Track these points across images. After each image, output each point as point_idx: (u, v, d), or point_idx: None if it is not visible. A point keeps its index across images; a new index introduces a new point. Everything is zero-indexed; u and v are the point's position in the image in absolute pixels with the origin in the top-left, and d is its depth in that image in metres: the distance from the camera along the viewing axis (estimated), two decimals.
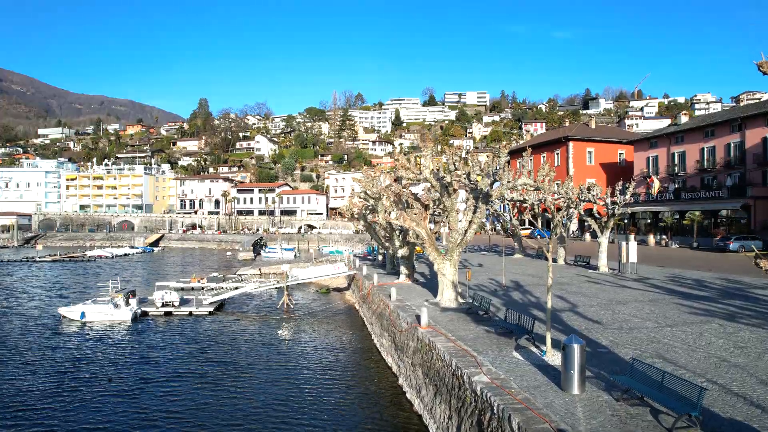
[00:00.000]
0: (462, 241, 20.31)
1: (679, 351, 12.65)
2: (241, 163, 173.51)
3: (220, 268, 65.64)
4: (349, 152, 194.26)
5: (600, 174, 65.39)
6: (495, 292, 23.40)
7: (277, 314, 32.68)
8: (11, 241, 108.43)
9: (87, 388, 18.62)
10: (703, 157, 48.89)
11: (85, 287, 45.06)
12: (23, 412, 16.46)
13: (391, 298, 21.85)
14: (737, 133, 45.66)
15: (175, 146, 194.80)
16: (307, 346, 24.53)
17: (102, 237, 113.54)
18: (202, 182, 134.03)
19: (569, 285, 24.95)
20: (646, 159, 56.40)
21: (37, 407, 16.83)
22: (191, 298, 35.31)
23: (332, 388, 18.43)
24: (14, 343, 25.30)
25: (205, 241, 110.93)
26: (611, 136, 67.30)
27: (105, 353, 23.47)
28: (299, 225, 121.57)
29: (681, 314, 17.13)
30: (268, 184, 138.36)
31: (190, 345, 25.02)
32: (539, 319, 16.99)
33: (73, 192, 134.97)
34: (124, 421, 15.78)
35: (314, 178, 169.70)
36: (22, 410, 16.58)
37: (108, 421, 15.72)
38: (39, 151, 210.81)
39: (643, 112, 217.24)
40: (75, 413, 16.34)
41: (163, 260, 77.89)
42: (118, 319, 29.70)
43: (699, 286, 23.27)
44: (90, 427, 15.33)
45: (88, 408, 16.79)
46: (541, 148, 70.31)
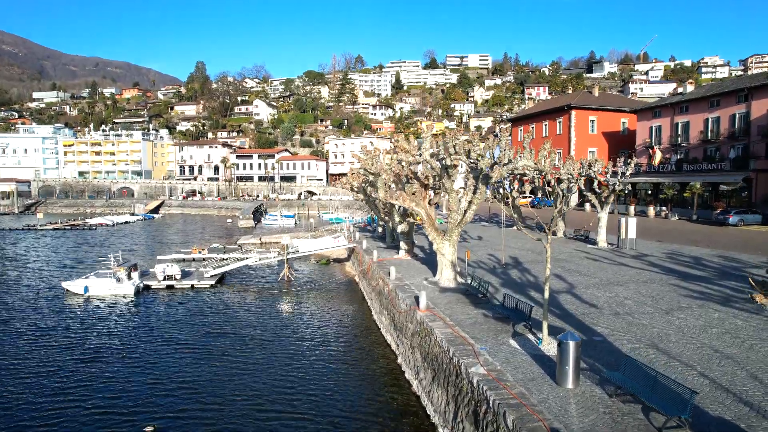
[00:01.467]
0: (461, 222, 20.32)
1: (673, 340, 12.86)
2: (240, 128, 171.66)
3: (220, 237, 66.01)
4: (348, 117, 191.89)
5: (602, 143, 64.82)
6: (494, 270, 23.62)
7: (278, 287, 33.09)
8: (11, 207, 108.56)
9: (97, 364, 19.05)
10: (707, 128, 48.27)
11: (87, 258, 45.43)
12: (35, 388, 16.90)
13: (390, 277, 22.07)
14: (743, 103, 44.92)
15: (172, 111, 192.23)
16: (307, 321, 24.94)
17: (102, 204, 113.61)
18: (201, 148, 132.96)
19: (567, 262, 25.14)
20: (649, 129, 55.72)
21: (48, 383, 17.27)
22: (192, 271, 35.65)
23: (333, 365, 18.86)
24: (21, 318, 25.72)
25: (205, 208, 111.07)
26: (614, 104, 66.25)
27: (110, 328, 23.89)
28: (299, 191, 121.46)
29: (677, 297, 17.34)
30: (268, 150, 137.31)
31: (192, 319, 25.44)
32: (536, 301, 17.24)
33: (71, 158, 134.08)
34: (133, 395, 16.23)
35: (314, 143, 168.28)
36: (35, 386, 17.01)
37: (118, 396, 16.17)
38: (35, 116, 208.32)
39: (648, 76, 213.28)
40: (87, 388, 16.78)
41: (163, 228, 78.21)
42: (121, 293, 30.10)
43: (696, 265, 23.45)
44: (102, 401, 15.78)
45: (98, 382, 17.23)
46: (543, 116, 69.39)
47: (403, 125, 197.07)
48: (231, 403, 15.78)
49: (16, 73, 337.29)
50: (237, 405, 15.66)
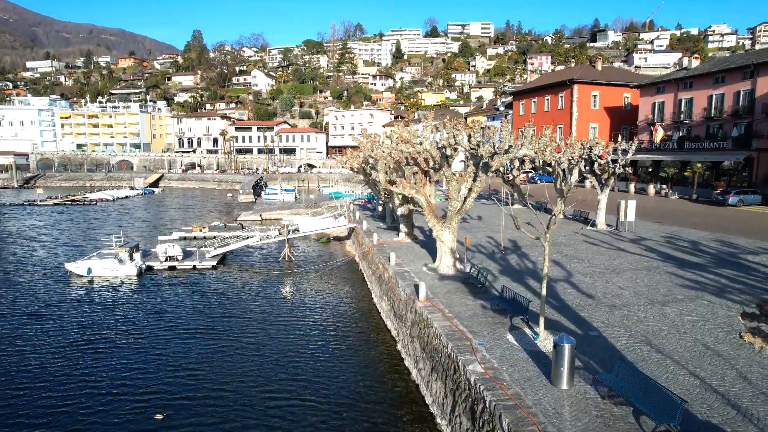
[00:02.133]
0: (461, 209, 20.40)
1: (666, 336, 13.15)
2: (239, 99, 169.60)
3: (221, 213, 66.22)
4: (348, 87, 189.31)
5: (604, 118, 64.23)
6: (493, 255, 23.85)
7: (279, 267, 33.46)
8: (11, 181, 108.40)
9: (104, 349, 19.47)
10: (710, 104, 47.72)
11: (90, 235, 45.71)
12: (43, 374, 17.34)
13: (390, 263, 22.30)
14: (748, 80, 44.28)
15: (170, 81, 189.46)
16: (308, 303, 25.34)
17: (101, 177, 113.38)
18: (200, 120, 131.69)
19: (566, 246, 25.36)
20: (652, 105, 55.08)
21: (55, 369, 17.70)
22: (194, 250, 35.92)
23: (334, 350, 19.30)
24: (26, 301, 26.11)
25: (205, 181, 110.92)
26: (617, 78, 65.26)
27: (114, 312, 24.28)
28: (299, 164, 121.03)
29: (672, 288, 17.59)
30: (267, 122, 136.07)
31: (194, 302, 25.85)
32: (534, 290, 17.51)
33: (68, 131, 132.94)
34: (141, 381, 16.68)
35: (313, 114, 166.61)
36: (42, 373, 17.45)
37: (125, 382, 16.62)
38: (29, 86, 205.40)
39: (654, 45, 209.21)
40: (94, 373, 17.22)
41: (164, 203, 78.31)
42: (124, 275, 30.44)
43: (694, 250, 23.66)
44: (109, 386, 16.23)
45: (106, 367, 17.66)
46: (545, 90, 68.50)
47: (404, 96, 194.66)
48: (236, 389, 16.25)
49: (8, 40, 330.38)
50: (242, 390, 16.14)
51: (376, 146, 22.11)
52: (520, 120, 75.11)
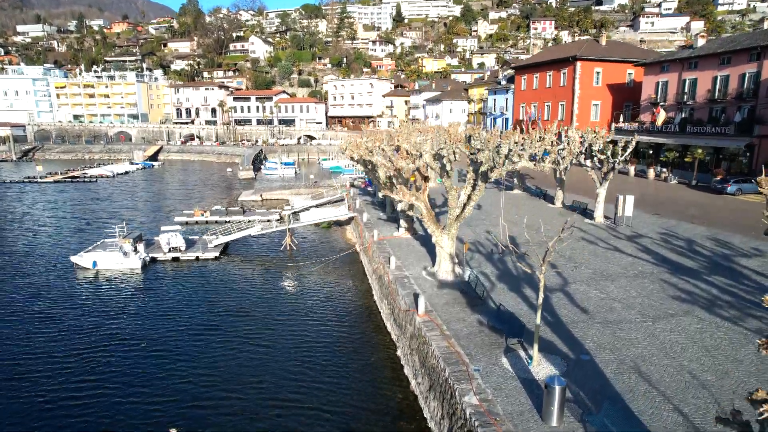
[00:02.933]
0: (460, 216, 20.69)
1: (655, 361, 13.71)
2: (236, 66, 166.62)
3: (221, 190, 66.44)
4: (348, 54, 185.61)
5: (606, 95, 63.50)
6: (491, 256, 24.28)
7: (281, 257, 34.01)
8: (9, 154, 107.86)
9: (113, 351, 20.17)
10: (715, 86, 47.11)
11: (92, 218, 46.11)
12: (54, 371, 18.07)
13: (390, 266, 22.75)
14: (755, 62, 43.56)
15: (165, 48, 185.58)
16: (310, 300, 25.99)
17: (100, 150, 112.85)
18: (197, 90, 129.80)
19: (563, 243, 25.72)
20: (656, 84, 54.32)
21: (68, 374, 18.42)
22: (196, 239, 36.37)
23: (337, 353, 20.05)
24: (34, 299, 26.73)
25: (204, 153, 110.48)
26: (622, 54, 63.98)
27: (121, 309, 24.95)
28: (298, 135, 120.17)
29: (664, 301, 18.08)
30: (265, 92, 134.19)
31: (198, 299, 26.53)
32: (530, 302, 18.04)
33: (64, 101, 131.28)
34: (152, 387, 17.41)
35: (312, 82, 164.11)
36: (54, 369, 18.18)
37: (137, 388, 17.35)
38: (21, 52, 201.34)
39: (661, 8, 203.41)
40: (106, 377, 17.93)
41: (163, 179, 78.28)
42: (128, 267, 31.01)
43: (688, 251, 24.07)
44: (120, 391, 16.97)
45: (116, 371, 18.38)
46: (547, 66, 67.36)
47: (404, 62, 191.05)
48: (244, 395, 17.08)
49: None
50: (249, 397, 16.95)
51: (377, 151, 22.10)
52: (522, 95, 74.24)
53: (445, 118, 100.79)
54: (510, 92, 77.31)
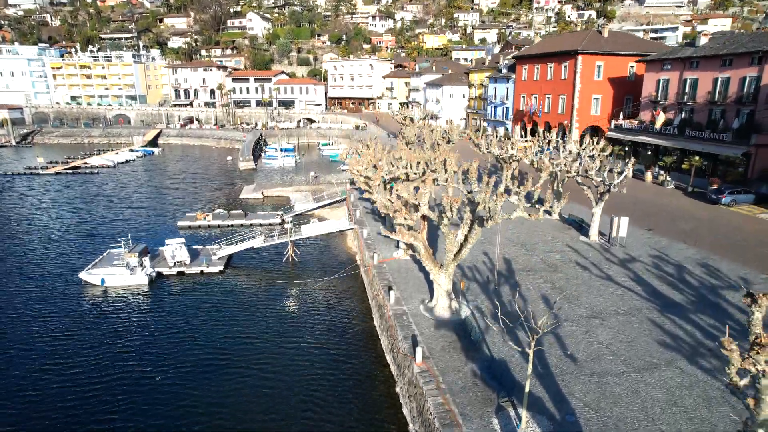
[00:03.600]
0: (458, 256, 21.41)
1: (636, 423, 14.72)
2: (234, 44, 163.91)
3: (223, 183, 66.87)
4: (347, 30, 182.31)
5: (607, 89, 63.21)
6: (486, 286, 25.11)
7: (283, 270, 34.92)
8: (8, 138, 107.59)
9: (127, 375, 21.26)
10: (715, 88, 47.02)
11: (96, 219, 46.80)
12: (67, 394, 19.18)
13: (390, 299, 23.62)
14: (756, 66, 43.42)
15: (161, 24, 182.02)
16: (312, 323, 27.02)
17: (99, 134, 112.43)
18: (196, 71, 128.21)
19: (557, 272, 26.59)
20: (657, 81, 54.09)
21: (81, 402, 19.53)
22: (200, 248, 37.19)
23: (339, 385, 21.22)
24: (42, 315, 27.75)
25: (204, 138, 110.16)
26: (624, 47, 63.25)
27: (132, 330, 26.02)
28: (298, 119, 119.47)
29: (650, 347, 18.99)
30: (264, 73, 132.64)
31: (204, 320, 27.58)
32: (523, 343, 18.98)
33: (61, 81, 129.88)
34: (164, 416, 18.61)
35: (311, 60, 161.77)
36: (67, 393, 19.29)
37: (150, 417, 18.56)
38: (14, 26, 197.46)
39: None
40: (121, 407, 19.04)
41: (164, 170, 78.41)
42: (136, 283, 31.93)
43: (678, 282, 24.90)
44: (133, 419, 18.18)
45: (129, 398, 19.46)
46: (549, 57, 66.77)
47: (404, 39, 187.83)
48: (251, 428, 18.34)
49: None
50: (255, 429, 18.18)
51: (376, 189, 22.57)
52: (523, 85, 73.78)
53: (446, 103, 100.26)
54: (511, 81, 76.73)
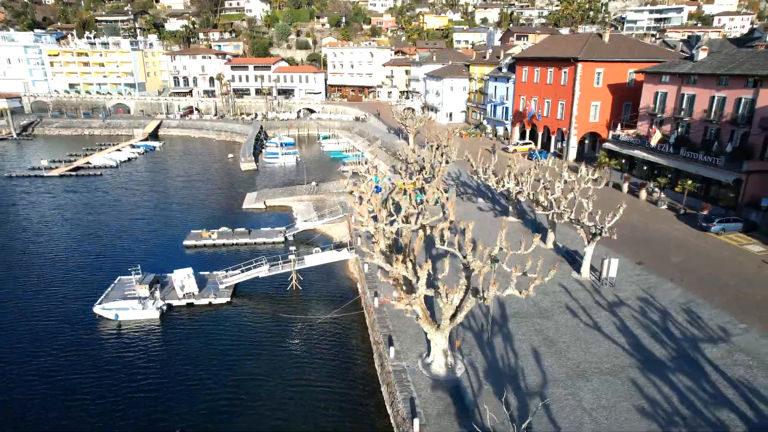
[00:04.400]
0: (453, 322, 22.85)
1: None
2: (232, 27, 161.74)
3: (225, 189, 67.82)
4: (347, 11, 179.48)
5: (606, 96, 63.56)
6: (480, 337, 26.63)
7: (287, 300, 36.53)
8: (8, 130, 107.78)
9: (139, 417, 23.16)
10: (711, 106, 47.57)
11: (105, 235, 48.12)
12: None
13: (390, 353, 25.21)
14: (751, 89, 43.95)
15: (158, 4, 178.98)
16: (316, 362, 28.81)
17: (99, 125, 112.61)
18: (194, 58, 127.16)
19: (548, 316, 28.11)
20: (655, 94, 54.46)
21: None
22: (207, 276, 38.68)
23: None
24: (58, 350, 29.47)
25: (204, 130, 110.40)
26: (624, 52, 63.03)
27: (145, 370, 27.80)
28: (298, 108, 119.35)
29: (629, 415, 20.63)
30: (264, 60, 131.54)
31: (213, 353, 29.85)
32: (515, 410, 20.64)
33: (58, 69, 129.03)
34: None
35: (311, 44, 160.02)
36: None
37: None
38: (6, 4, 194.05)
39: None
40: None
41: (167, 171, 78.87)
42: (148, 317, 33.54)
43: (661, 333, 26.43)
44: None
45: None
46: (549, 62, 66.78)
47: (404, 20, 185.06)
48: None
49: None
50: None
51: (377, 255, 23.71)
52: (522, 86, 73.87)
53: (446, 95, 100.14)
54: (511, 81, 76.77)
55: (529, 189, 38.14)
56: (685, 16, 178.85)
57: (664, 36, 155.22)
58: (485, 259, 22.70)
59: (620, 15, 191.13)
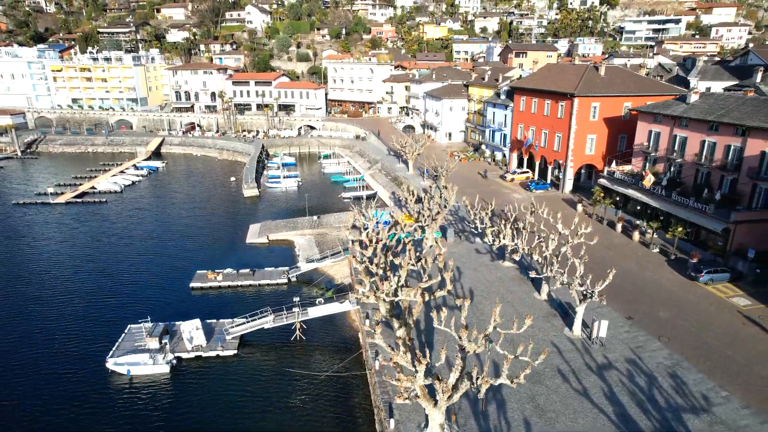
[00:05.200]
0: (450, 400, 24.34)
1: None
2: (233, 39, 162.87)
3: (228, 219, 69.16)
4: (347, 21, 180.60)
5: (602, 129, 64.98)
6: (476, 405, 28.13)
7: (291, 351, 38.04)
8: (12, 147, 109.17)
9: None
10: (702, 149, 48.98)
11: (114, 271, 49.61)
12: None
13: (390, 425, 26.72)
14: (740, 137, 45.38)
15: (159, 14, 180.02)
16: (320, 421, 30.24)
17: (102, 142, 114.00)
18: (196, 74, 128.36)
19: (540, 381, 29.57)
20: (649, 132, 55.87)
21: None
22: (214, 323, 40.22)
23: None
24: (71, 403, 30.96)
25: (207, 148, 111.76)
26: (620, 86, 64.34)
27: (159, 428, 29.35)
28: (299, 125, 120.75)
29: None
30: (265, 75, 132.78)
31: (222, 405, 31.76)
32: None
33: (61, 84, 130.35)
34: None
35: (311, 56, 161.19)
36: None
37: None
38: (8, 12, 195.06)
39: None
40: None
41: (171, 197, 79.96)
42: (159, 372, 35.05)
43: (646, 401, 27.91)
44: None
45: None
46: (546, 94, 68.16)
47: (404, 29, 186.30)
48: None
49: None
50: None
51: (378, 337, 25.09)
52: (520, 115, 75.19)
53: (445, 116, 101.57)
54: (509, 109, 78.16)
55: (523, 245, 39.57)
56: (683, 26, 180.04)
57: (661, 49, 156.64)
58: (479, 342, 24.16)
59: (619, 24, 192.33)
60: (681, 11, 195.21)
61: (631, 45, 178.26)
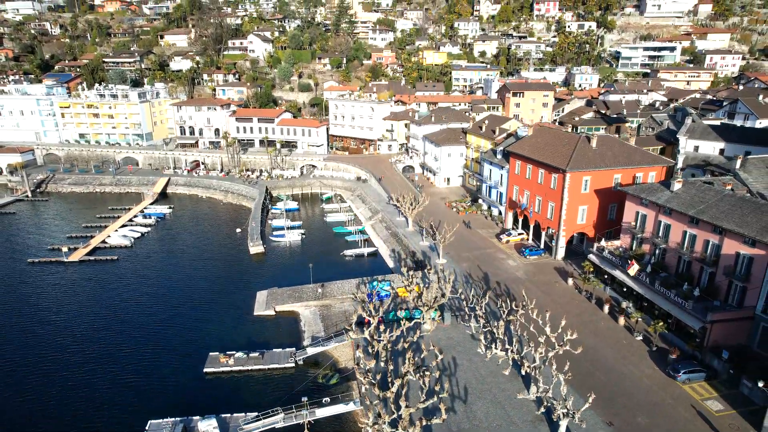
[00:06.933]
0: None
1: None
2: (236, 68, 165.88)
3: (236, 278, 72.16)
4: (348, 48, 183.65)
5: (593, 200, 68.04)
6: None
7: None
8: (23, 188, 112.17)
9: None
10: (684, 239, 52.14)
11: (129, 349, 52.57)
12: None
13: None
14: (717, 235, 48.53)
15: (162, 41, 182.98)
16: None
17: (110, 182, 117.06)
18: (200, 110, 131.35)
19: None
20: (636, 213, 58.92)
21: None
22: (228, 418, 43.38)
23: None
24: None
25: (212, 189, 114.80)
26: (610, 159, 67.40)
27: None
28: (301, 164, 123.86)
29: None
30: (268, 113, 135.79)
31: None
32: None
33: (69, 120, 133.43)
34: None
35: (312, 86, 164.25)
36: None
37: None
38: (13, 36, 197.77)
39: None
40: None
41: (179, 252, 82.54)
42: None
43: None
44: None
45: None
46: (540, 165, 71.24)
47: (405, 54, 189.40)
48: None
49: None
50: None
51: None
52: (516, 178, 78.28)
53: (444, 161, 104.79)
54: (504, 170, 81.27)
55: (513, 351, 42.75)
56: (678, 54, 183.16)
57: (656, 81, 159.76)
58: None
59: (615, 50, 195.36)
60: (676, 35, 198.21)
61: (627, 72, 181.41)
